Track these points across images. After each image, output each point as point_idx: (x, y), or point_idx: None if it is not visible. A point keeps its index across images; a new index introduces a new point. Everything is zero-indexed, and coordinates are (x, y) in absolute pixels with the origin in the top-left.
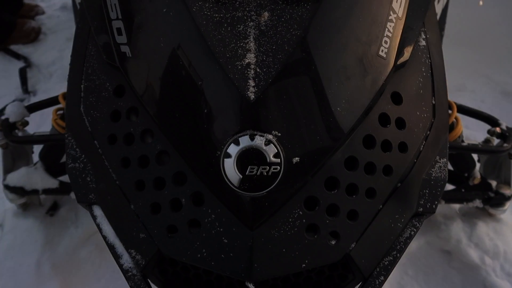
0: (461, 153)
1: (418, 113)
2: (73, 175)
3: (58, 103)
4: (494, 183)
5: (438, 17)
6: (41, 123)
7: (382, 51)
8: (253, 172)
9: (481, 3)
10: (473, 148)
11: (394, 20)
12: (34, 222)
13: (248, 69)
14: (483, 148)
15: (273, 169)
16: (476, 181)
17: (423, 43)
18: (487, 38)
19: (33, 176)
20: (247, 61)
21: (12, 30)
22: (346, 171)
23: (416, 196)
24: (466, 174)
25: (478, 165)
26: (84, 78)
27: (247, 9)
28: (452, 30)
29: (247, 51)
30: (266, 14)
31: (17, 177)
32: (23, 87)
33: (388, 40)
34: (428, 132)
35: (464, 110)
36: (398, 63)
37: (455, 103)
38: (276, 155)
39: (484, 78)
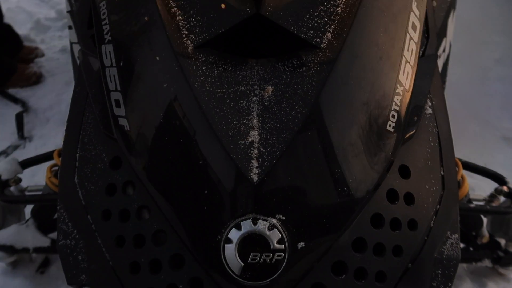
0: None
1: (427, 187)
2: (64, 253)
3: (53, 158)
4: (503, 242)
5: (440, 70)
6: (36, 170)
7: (390, 125)
8: (255, 259)
9: None
10: (482, 209)
11: (401, 93)
12: (23, 281)
13: (251, 148)
14: (492, 210)
15: (277, 256)
16: (485, 240)
17: (430, 110)
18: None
19: (24, 234)
20: (250, 139)
21: (13, 73)
22: (354, 254)
23: (428, 278)
24: (473, 233)
25: (485, 220)
26: (80, 147)
27: (250, 83)
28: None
29: (250, 128)
30: (270, 88)
31: (7, 235)
32: (19, 133)
33: (395, 114)
34: (438, 206)
35: (470, 167)
36: (406, 136)
37: (461, 160)
38: (280, 241)
39: (485, 123)
